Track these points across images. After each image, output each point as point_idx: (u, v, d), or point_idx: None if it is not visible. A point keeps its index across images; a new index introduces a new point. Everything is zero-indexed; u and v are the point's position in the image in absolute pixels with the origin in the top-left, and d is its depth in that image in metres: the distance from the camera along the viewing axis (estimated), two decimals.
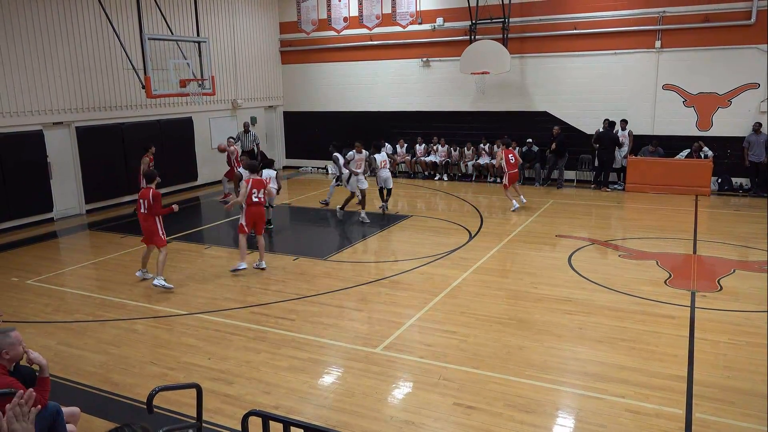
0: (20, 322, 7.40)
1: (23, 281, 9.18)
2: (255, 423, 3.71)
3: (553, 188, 15.79)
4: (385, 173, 13.00)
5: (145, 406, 4.11)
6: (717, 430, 4.86)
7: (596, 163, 15.72)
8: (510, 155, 13.15)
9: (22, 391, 3.85)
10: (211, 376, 5.97)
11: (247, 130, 16.23)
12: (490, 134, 17.06)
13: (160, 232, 8.59)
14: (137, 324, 7.39)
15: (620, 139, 15.24)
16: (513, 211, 13.00)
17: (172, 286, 8.50)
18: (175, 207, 8.80)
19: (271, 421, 3.59)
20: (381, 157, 13.08)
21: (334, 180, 13.67)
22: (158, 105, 15.50)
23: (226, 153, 14.74)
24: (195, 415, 4.56)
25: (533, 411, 5.19)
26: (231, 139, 15.04)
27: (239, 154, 14.87)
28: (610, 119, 15.37)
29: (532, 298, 7.91)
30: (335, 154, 13.16)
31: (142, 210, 8.53)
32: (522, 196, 13.32)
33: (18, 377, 3.98)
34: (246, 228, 9.23)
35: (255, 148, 16.08)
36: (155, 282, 8.45)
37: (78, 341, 6.92)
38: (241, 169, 11.39)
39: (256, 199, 9.07)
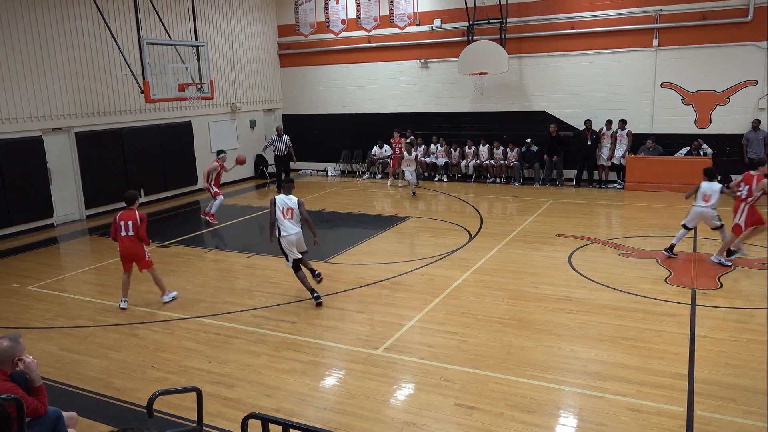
0: (21, 328, 7.41)
1: (24, 287, 9.18)
2: (255, 426, 3.71)
3: (553, 187, 15.79)
4: None
5: (146, 410, 4.12)
6: (718, 427, 4.86)
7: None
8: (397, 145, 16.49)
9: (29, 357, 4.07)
10: (211, 379, 5.97)
11: (280, 135, 16.23)
12: (489, 135, 17.06)
13: (146, 255, 8.07)
14: (138, 329, 7.39)
15: (587, 138, 15.39)
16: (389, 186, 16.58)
17: (176, 293, 8.38)
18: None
19: (270, 424, 3.59)
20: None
21: None
22: (157, 109, 15.52)
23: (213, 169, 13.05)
24: (195, 419, 4.56)
25: (534, 411, 5.18)
26: (223, 154, 13.26)
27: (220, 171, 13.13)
28: (590, 119, 15.48)
29: (532, 297, 7.91)
30: None
31: (124, 233, 7.83)
32: (399, 181, 16.56)
33: (14, 383, 4.01)
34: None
35: (291, 152, 16.26)
36: (164, 298, 8.21)
37: (79, 346, 6.93)
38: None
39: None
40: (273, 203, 8.02)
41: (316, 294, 7.97)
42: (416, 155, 15.31)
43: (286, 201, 8.02)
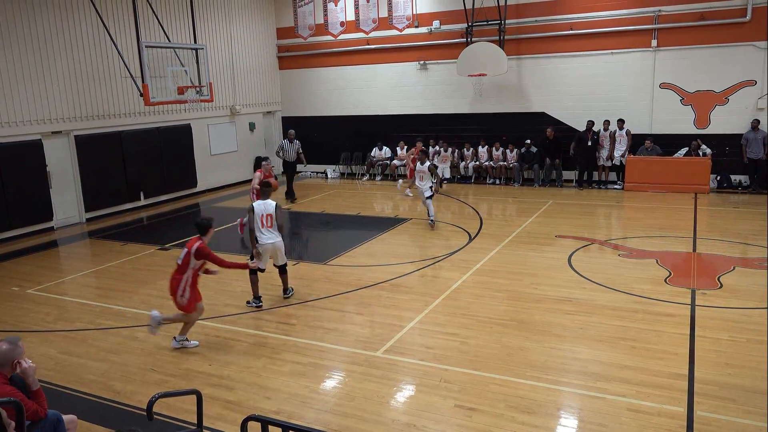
0: (21, 332, 7.41)
1: (24, 290, 9.18)
2: (255, 428, 3.71)
3: (553, 188, 15.80)
4: None
5: (146, 413, 4.12)
6: (718, 427, 4.86)
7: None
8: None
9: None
10: (211, 382, 5.97)
11: (291, 140, 15.26)
12: (488, 136, 17.07)
13: (180, 293, 6.63)
14: (138, 331, 7.38)
15: (587, 140, 15.38)
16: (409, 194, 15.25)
17: (195, 343, 6.85)
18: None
19: (270, 426, 3.58)
20: None
21: None
22: (157, 112, 15.54)
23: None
24: (195, 422, 4.56)
25: (534, 412, 5.18)
26: (266, 162, 11.81)
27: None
28: (592, 120, 15.47)
29: (532, 298, 7.91)
30: None
31: (179, 261, 6.73)
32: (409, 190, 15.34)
33: (14, 386, 4.02)
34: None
35: (301, 158, 15.32)
36: (174, 343, 6.83)
37: (79, 350, 6.93)
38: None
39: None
40: (252, 210, 7.76)
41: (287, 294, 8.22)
42: (430, 165, 12.10)
43: (264, 207, 7.73)
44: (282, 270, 8.20)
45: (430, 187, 11.85)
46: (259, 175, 11.31)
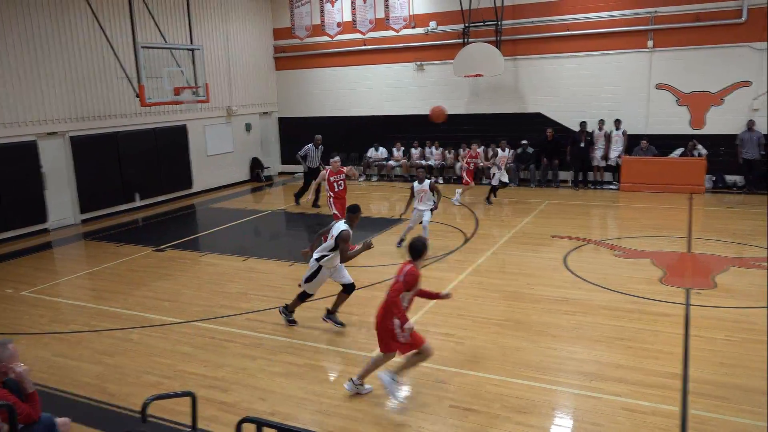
0: (15, 334, 7.38)
1: (18, 292, 9.14)
2: (250, 430, 3.70)
3: (549, 188, 15.81)
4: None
5: (140, 415, 4.11)
6: (713, 426, 4.87)
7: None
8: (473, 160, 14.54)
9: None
10: (206, 383, 5.95)
11: (317, 146, 14.48)
12: (484, 136, 17.05)
13: (399, 331, 5.23)
14: (132, 333, 7.36)
15: (581, 141, 15.37)
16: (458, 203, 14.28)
17: (369, 387, 5.67)
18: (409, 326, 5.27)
19: (265, 428, 3.58)
20: None
21: None
22: (153, 113, 15.50)
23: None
24: (190, 424, 4.54)
25: (530, 412, 5.18)
26: (335, 159, 11.34)
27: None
28: (585, 121, 15.47)
29: (528, 299, 7.91)
30: None
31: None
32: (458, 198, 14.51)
33: (7, 389, 4.00)
34: None
35: (322, 164, 13.99)
36: (383, 378, 5.45)
37: (73, 352, 6.90)
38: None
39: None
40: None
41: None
42: (432, 182, 10.33)
43: (334, 228, 6.99)
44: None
45: (432, 210, 10.34)
46: (325, 173, 10.78)
